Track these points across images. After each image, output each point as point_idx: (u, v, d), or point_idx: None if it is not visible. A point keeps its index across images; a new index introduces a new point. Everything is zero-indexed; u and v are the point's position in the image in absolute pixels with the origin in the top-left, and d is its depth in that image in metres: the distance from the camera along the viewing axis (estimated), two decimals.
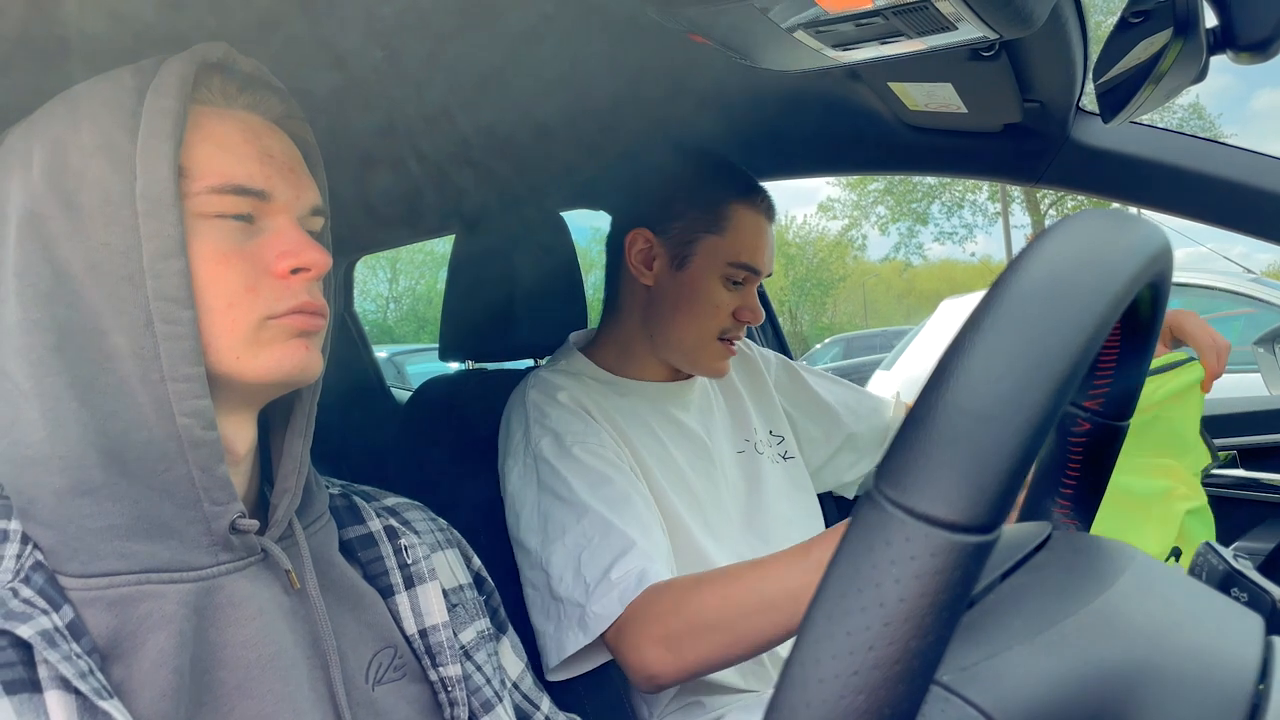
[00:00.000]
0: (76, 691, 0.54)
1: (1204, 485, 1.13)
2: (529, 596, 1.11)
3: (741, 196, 1.24)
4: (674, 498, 1.19)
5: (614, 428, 1.20)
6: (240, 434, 0.69)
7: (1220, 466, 1.67)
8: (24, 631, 0.53)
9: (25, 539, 0.59)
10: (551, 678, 1.06)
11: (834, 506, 1.58)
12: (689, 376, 1.34)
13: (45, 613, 0.55)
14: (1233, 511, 1.66)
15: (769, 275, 1.27)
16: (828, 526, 1.41)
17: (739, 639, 0.94)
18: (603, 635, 1.00)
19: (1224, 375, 1.14)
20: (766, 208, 1.26)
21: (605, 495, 1.09)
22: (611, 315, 1.34)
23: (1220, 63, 0.86)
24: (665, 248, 1.25)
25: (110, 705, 0.54)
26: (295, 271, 0.67)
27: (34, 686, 0.54)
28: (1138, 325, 0.45)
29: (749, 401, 1.41)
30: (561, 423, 1.17)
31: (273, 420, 0.75)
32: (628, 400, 1.26)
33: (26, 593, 0.56)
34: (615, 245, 1.31)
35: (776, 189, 1.30)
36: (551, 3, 0.89)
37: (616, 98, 1.22)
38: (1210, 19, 0.82)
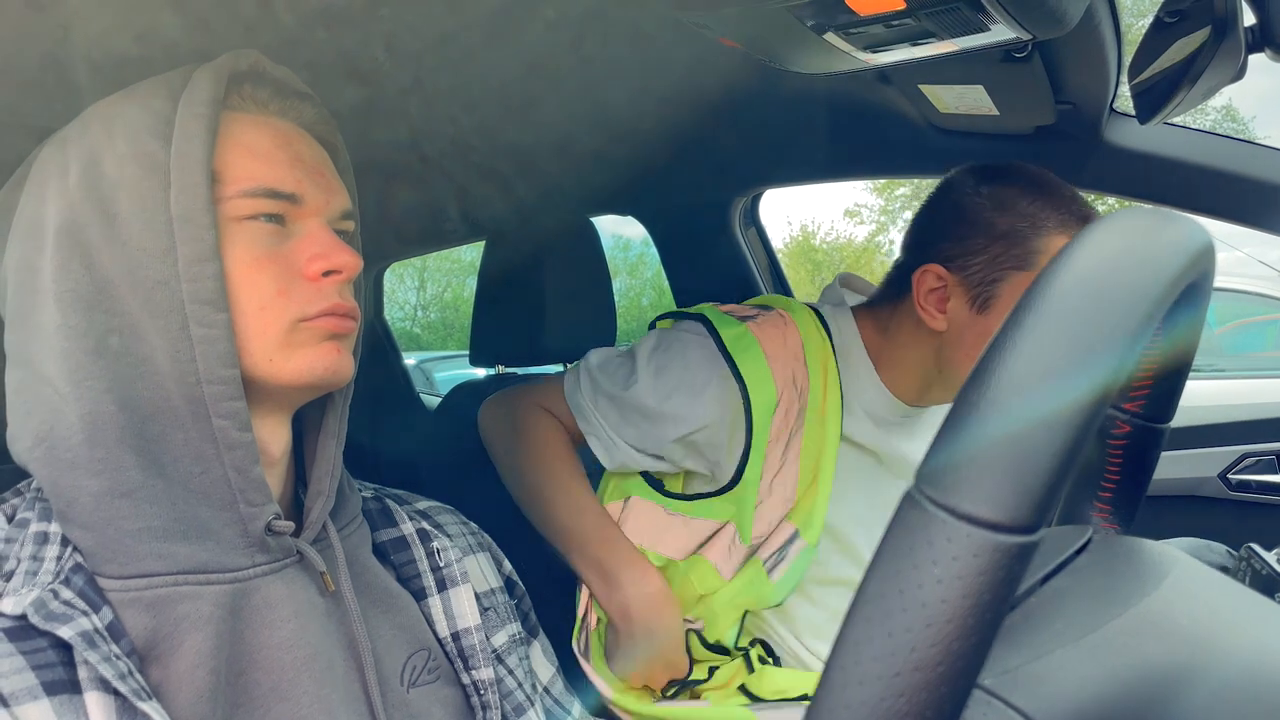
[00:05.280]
0: (116, 693, 0.54)
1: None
2: None
3: (1058, 224, 1.04)
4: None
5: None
6: (275, 436, 0.69)
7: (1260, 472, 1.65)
8: (64, 632, 0.54)
9: (65, 541, 0.59)
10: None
11: None
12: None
13: (85, 614, 0.56)
14: (1273, 516, 1.63)
15: None
16: None
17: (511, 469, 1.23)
18: None
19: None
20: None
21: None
22: (885, 331, 1.18)
23: (1256, 63, 0.85)
24: (963, 286, 1.08)
25: (149, 706, 0.55)
26: (327, 274, 0.67)
27: (74, 687, 0.54)
28: (1180, 324, 0.45)
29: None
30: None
31: (306, 424, 0.75)
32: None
33: (67, 594, 0.56)
34: (901, 279, 1.15)
35: (803, 194, 1.30)
36: (579, 13, 0.89)
37: (641, 105, 1.22)
38: (1249, 17, 0.81)
